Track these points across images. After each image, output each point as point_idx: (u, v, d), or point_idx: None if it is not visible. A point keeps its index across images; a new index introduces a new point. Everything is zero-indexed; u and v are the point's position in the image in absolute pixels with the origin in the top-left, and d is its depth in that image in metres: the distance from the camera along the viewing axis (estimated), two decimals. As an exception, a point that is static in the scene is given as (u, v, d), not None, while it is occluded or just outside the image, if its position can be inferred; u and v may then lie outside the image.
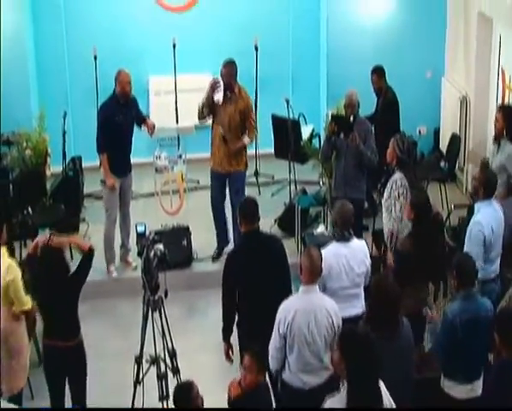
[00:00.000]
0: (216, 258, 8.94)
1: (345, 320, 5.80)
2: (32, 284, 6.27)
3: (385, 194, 7.30)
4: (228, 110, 8.51)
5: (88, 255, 6.26)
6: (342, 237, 6.38)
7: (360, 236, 6.94)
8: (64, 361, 6.14)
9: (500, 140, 7.78)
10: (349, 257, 6.31)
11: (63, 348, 6.10)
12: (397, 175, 7.20)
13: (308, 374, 5.60)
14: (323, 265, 5.88)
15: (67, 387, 6.33)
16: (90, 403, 6.39)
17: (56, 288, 6.06)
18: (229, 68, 8.53)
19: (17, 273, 6.13)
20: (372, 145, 8.19)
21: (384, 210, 7.37)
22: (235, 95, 8.54)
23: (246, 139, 8.68)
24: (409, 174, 7.29)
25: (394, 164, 7.31)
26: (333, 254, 6.26)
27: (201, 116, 8.73)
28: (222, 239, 8.99)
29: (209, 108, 8.58)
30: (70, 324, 6.19)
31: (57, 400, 6.30)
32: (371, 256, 6.62)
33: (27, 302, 6.18)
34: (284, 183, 10.43)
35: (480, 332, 5.59)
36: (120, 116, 8.43)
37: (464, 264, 5.86)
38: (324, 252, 6.19)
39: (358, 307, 6.15)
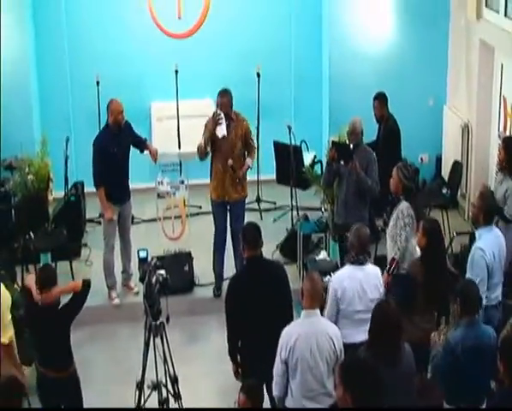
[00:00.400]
0: (217, 292, 8.83)
1: (357, 345, 5.83)
2: (25, 315, 6.30)
3: (391, 223, 7.32)
4: (229, 140, 8.50)
5: (83, 291, 6.27)
6: (357, 261, 6.42)
7: None
8: (57, 391, 6.16)
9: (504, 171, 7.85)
10: (363, 281, 6.34)
11: (56, 378, 6.12)
12: (404, 205, 7.21)
13: (311, 401, 5.60)
14: (337, 288, 5.91)
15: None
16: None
17: (47, 319, 6.07)
18: (227, 98, 8.54)
19: (7, 301, 6.09)
20: (374, 175, 8.21)
21: (388, 239, 7.38)
22: (233, 122, 8.56)
23: (249, 162, 8.68)
24: (415, 201, 7.32)
25: (399, 193, 7.31)
26: (347, 277, 6.32)
27: (203, 154, 8.64)
28: (219, 274, 8.90)
29: (211, 143, 8.54)
30: (62, 355, 6.20)
31: None
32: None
33: (6, 335, 6.09)
34: (286, 209, 10.45)
35: (483, 360, 5.59)
36: (114, 148, 8.44)
37: (468, 291, 5.85)
38: (338, 274, 6.32)
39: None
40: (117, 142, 8.48)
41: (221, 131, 8.42)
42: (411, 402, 5.37)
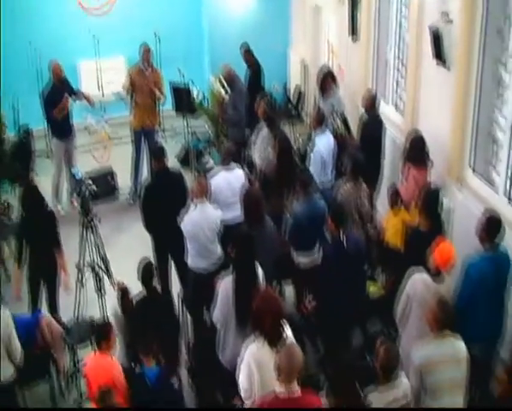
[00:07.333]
0: (132, 201, 8.61)
1: (228, 220, 5.86)
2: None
3: (258, 142, 7.20)
4: (146, 81, 8.40)
5: None
6: (227, 166, 6.38)
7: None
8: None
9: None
10: (230, 178, 6.33)
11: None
12: (265, 131, 7.14)
13: (202, 258, 5.63)
14: (215, 188, 6.00)
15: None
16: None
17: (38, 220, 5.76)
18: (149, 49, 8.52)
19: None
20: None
21: (256, 152, 7.26)
22: (151, 70, 8.51)
23: (159, 94, 8.52)
24: (275, 126, 7.21)
25: (264, 118, 7.21)
26: (221, 177, 6.27)
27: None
28: (135, 187, 8.64)
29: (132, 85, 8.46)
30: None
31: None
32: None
33: None
34: (183, 133, 10.19)
35: (316, 222, 5.66)
36: (58, 96, 8.08)
37: (305, 177, 5.90)
38: (215, 178, 6.23)
39: (236, 210, 6.03)
40: (60, 92, 8.10)
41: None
42: (275, 252, 5.39)
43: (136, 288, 5.06)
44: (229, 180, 6.28)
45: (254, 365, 3.94)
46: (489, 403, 4.29)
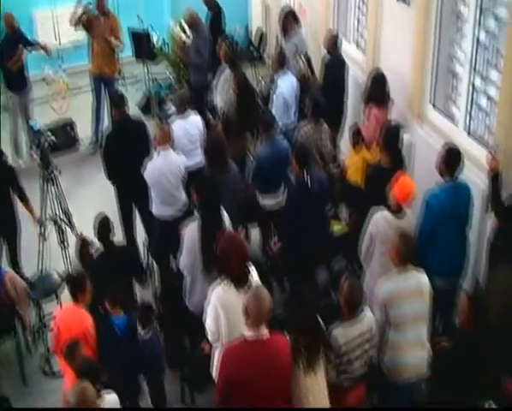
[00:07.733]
0: (93, 151, 8.38)
1: (191, 166, 5.75)
2: None
3: (219, 87, 7.04)
4: (100, 30, 8.06)
5: None
6: (182, 114, 6.19)
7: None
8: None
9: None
10: (187, 126, 6.15)
11: None
12: (227, 72, 6.96)
13: (167, 205, 5.52)
14: (174, 136, 5.71)
15: None
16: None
17: None
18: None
19: None
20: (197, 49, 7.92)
21: (218, 96, 7.09)
22: (107, 17, 8.12)
23: (115, 42, 8.18)
24: (236, 67, 7.02)
25: (225, 60, 7.01)
26: (177, 126, 6.05)
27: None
28: (97, 135, 8.41)
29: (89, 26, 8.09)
30: None
31: None
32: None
33: None
34: (143, 79, 9.78)
35: (280, 163, 5.59)
36: (12, 47, 7.71)
37: (267, 119, 5.79)
38: (174, 125, 6.02)
39: (195, 157, 6.02)
40: (14, 43, 7.72)
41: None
42: (239, 195, 5.33)
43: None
44: (186, 127, 6.12)
45: (221, 307, 3.90)
46: (452, 334, 4.33)
